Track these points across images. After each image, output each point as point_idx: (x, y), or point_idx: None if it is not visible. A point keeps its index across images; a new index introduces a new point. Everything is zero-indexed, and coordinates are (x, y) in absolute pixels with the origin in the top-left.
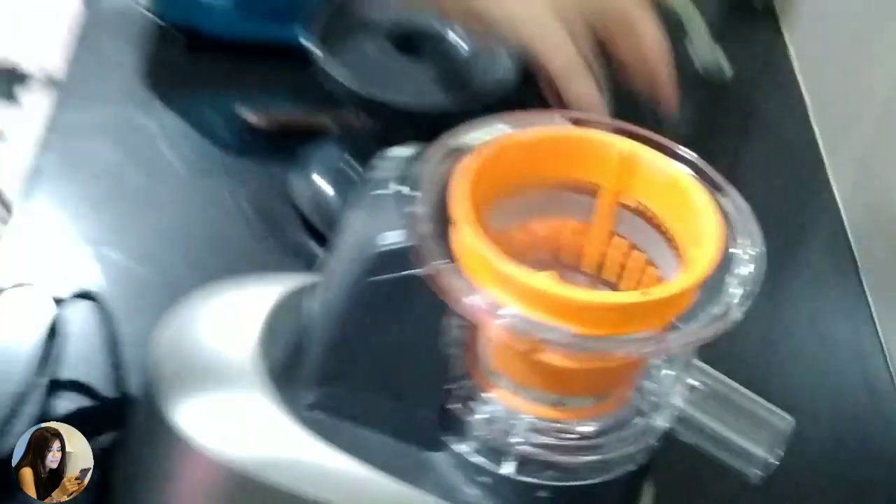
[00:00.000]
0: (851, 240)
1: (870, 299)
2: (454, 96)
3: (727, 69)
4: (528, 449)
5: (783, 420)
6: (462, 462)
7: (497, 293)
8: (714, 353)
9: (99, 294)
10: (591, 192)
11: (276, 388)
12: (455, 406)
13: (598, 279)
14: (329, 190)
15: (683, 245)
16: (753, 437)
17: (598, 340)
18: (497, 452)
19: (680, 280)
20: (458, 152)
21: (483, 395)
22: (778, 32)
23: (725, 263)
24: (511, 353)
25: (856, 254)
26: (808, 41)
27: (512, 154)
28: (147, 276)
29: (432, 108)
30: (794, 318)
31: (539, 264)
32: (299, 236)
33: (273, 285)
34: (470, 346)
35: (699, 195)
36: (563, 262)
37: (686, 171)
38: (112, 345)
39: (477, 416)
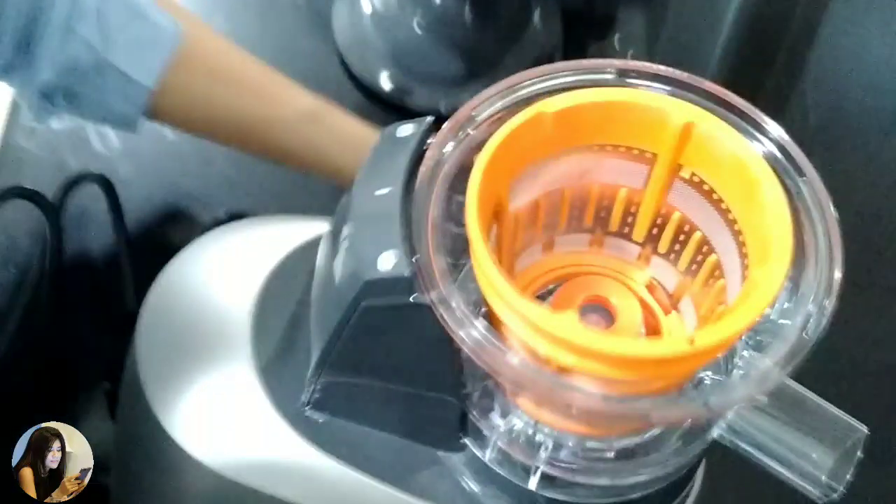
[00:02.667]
0: None
1: None
2: None
3: None
4: (553, 468)
5: (854, 430)
6: (478, 470)
7: (513, 324)
8: None
9: (98, 175)
10: (641, 159)
11: (266, 379)
12: (472, 410)
13: (650, 249)
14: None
15: (747, 241)
16: (818, 449)
17: (631, 401)
18: (516, 464)
19: (735, 320)
20: (474, 131)
21: (504, 400)
22: None
23: (791, 286)
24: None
25: None
26: None
27: (545, 125)
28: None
29: None
30: None
31: (579, 230)
32: (338, 76)
33: (275, 239)
34: None
35: (770, 189)
36: (608, 230)
37: (759, 151)
38: (118, 224)
39: (496, 424)
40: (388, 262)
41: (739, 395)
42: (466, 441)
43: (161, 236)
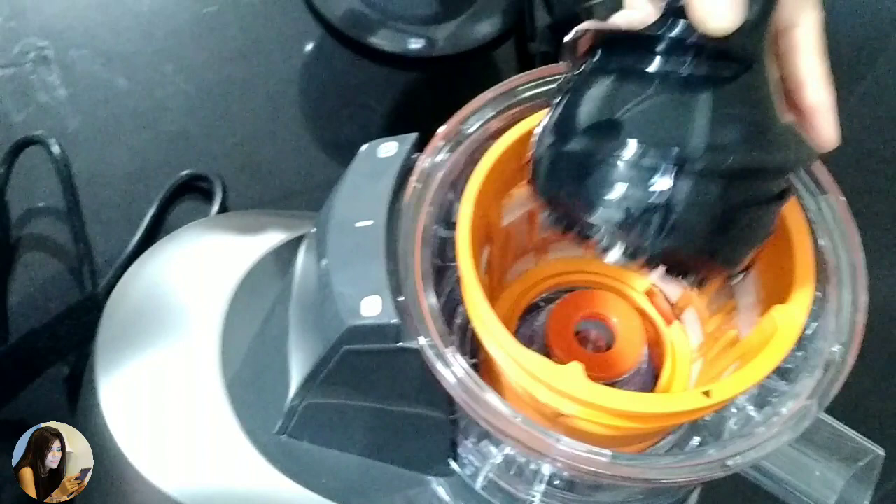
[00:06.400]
0: None
1: None
2: None
3: None
4: (550, 499)
5: (869, 451)
6: (468, 498)
7: (513, 374)
8: None
9: (45, 138)
10: None
11: (234, 398)
12: (463, 436)
13: None
14: None
15: (765, 266)
16: (827, 470)
17: (638, 461)
18: (509, 494)
19: (753, 370)
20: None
21: None
22: None
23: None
24: (531, 404)
25: None
26: None
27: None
28: (118, 84)
29: None
30: None
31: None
32: (297, 7)
33: (250, 239)
34: (485, 370)
35: (793, 218)
36: None
37: None
38: (69, 191)
39: (489, 452)
40: (372, 307)
41: (764, 451)
42: (455, 467)
43: (117, 202)
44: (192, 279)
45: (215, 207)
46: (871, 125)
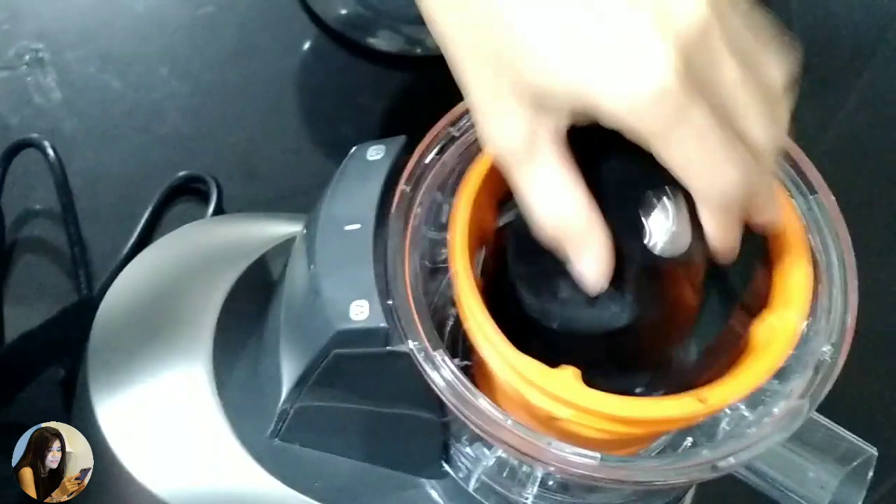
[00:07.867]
0: None
1: None
2: None
3: None
4: (543, 501)
5: (862, 451)
6: (461, 500)
7: (507, 378)
8: None
9: (40, 140)
10: None
11: (227, 402)
12: (455, 438)
13: None
14: None
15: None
16: (821, 470)
17: (628, 463)
18: (502, 496)
19: (750, 376)
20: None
21: None
22: None
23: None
24: (524, 407)
25: None
26: None
27: None
28: (114, 86)
29: None
30: None
31: None
32: (291, 8)
33: (243, 242)
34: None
35: (789, 222)
36: None
37: None
38: (64, 194)
39: (482, 454)
40: (360, 311)
41: (756, 452)
42: (448, 469)
43: (113, 204)
44: (185, 281)
45: (211, 209)
46: (868, 122)
